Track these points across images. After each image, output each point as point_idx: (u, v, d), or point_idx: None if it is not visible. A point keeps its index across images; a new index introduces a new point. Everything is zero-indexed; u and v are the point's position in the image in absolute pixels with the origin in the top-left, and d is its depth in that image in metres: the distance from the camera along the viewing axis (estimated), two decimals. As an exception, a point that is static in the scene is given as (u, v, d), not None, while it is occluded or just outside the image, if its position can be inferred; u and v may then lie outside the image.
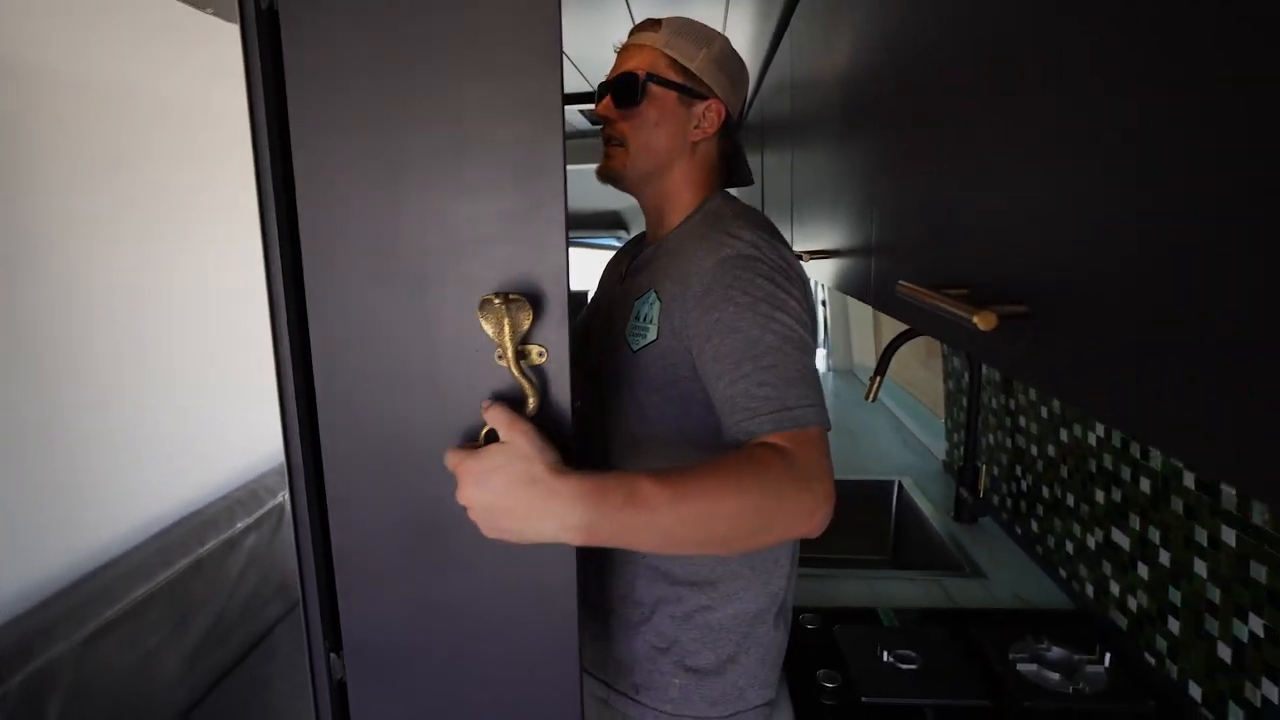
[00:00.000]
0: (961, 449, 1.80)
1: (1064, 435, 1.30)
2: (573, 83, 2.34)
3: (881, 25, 0.76)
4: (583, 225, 4.38)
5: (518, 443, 0.60)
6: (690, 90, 0.93)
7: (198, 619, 1.39)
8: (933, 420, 2.35)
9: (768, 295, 0.78)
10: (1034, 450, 1.42)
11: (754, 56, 2.01)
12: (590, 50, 1.88)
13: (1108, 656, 1.03)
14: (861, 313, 3.20)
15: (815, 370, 0.77)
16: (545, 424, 0.63)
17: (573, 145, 3.49)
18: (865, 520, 1.95)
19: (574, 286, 0.69)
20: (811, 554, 1.61)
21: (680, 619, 0.91)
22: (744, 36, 1.87)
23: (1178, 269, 0.32)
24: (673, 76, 0.93)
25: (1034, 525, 1.43)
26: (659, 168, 0.95)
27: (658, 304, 0.87)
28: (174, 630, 1.32)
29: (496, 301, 0.59)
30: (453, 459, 0.62)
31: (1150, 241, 0.33)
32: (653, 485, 0.61)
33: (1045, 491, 1.38)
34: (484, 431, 0.64)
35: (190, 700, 1.36)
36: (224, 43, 1.40)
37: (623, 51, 0.98)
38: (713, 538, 0.64)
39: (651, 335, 0.87)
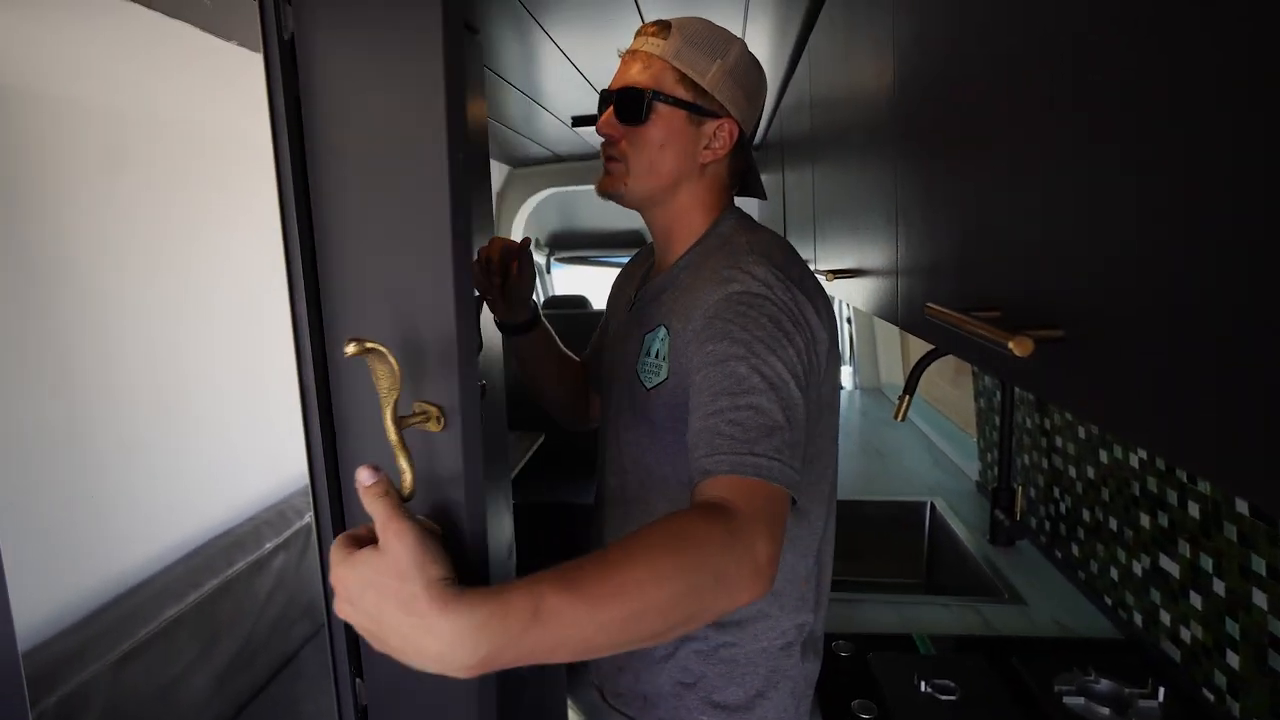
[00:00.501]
0: (995, 469, 1.75)
1: (1104, 456, 1.25)
2: (581, 98, 2.35)
3: (905, 40, 0.75)
4: (601, 245, 4.39)
5: (391, 551, 0.49)
6: (700, 109, 0.86)
7: (226, 641, 1.39)
8: (963, 439, 2.30)
9: (767, 337, 0.73)
10: (1072, 471, 1.37)
11: (773, 74, 2.01)
12: (596, 59, 1.83)
13: (1161, 690, 0.98)
14: (888, 330, 3.16)
15: (799, 427, 0.71)
16: (441, 514, 0.54)
17: (585, 165, 3.52)
18: (897, 542, 1.90)
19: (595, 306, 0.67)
20: (842, 577, 1.57)
21: (705, 654, 0.89)
22: (761, 54, 1.87)
23: (1225, 290, 0.30)
24: (681, 93, 0.86)
25: (1075, 550, 1.38)
26: (663, 190, 0.90)
27: (668, 340, 0.84)
28: (203, 652, 1.33)
29: (350, 349, 0.49)
30: (332, 557, 0.52)
31: (1195, 261, 0.31)
32: (563, 595, 0.50)
33: (1086, 515, 1.33)
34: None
35: (218, 724, 1.36)
36: (252, 72, 1.44)
37: (627, 57, 0.90)
38: (641, 635, 0.54)
39: (664, 374, 0.84)
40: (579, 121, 2.47)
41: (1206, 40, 0.30)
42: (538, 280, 4.48)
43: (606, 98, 0.89)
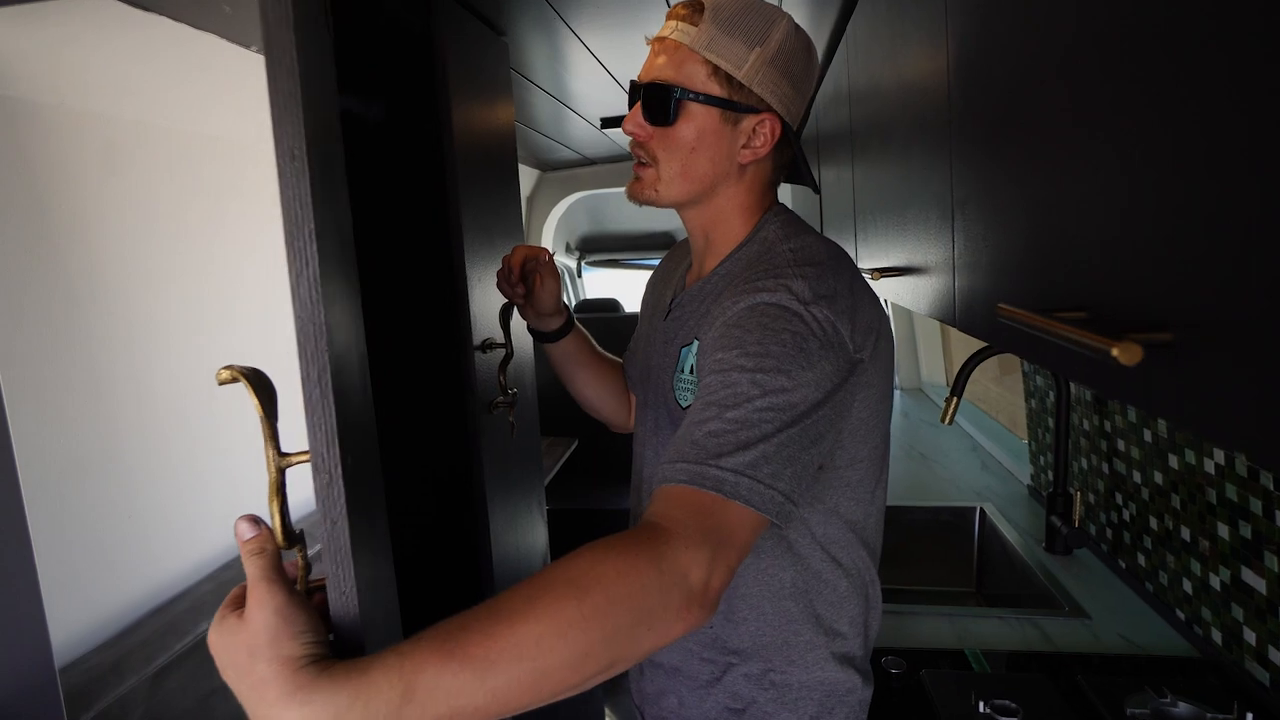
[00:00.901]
0: (1049, 473, 1.67)
1: (1173, 461, 1.17)
2: (611, 99, 2.32)
3: (962, 25, 0.70)
4: (633, 247, 4.36)
5: (250, 622, 0.45)
6: (736, 105, 0.78)
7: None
8: (1011, 440, 2.21)
9: (783, 355, 0.65)
10: (1137, 477, 1.29)
11: (809, 68, 1.95)
12: (626, 59, 1.77)
13: (1249, 717, 0.91)
14: (928, 326, 3.06)
15: (798, 459, 0.63)
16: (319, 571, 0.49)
17: (616, 168, 3.49)
18: (946, 550, 1.82)
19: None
20: (889, 585, 1.51)
21: (754, 678, 0.84)
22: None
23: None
24: (714, 89, 0.77)
25: (1141, 560, 1.30)
26: (698, 194, 0.82)
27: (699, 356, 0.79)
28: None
29: (223, 375, 0.45)
30: (215, 617, 0.48)
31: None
32: (442, 664, 0.43)
33: (1154, 523, 1.24)
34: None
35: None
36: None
37: (656, 45, 0.81)
38: (551, 693, 0.48)
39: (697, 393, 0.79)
40: (608, 123, 2.44)
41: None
42: (569, 284, 4.48)
43: (635, 91, 0.82)
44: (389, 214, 1.27)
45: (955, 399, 1.52)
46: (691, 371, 0.80)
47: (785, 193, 1.37)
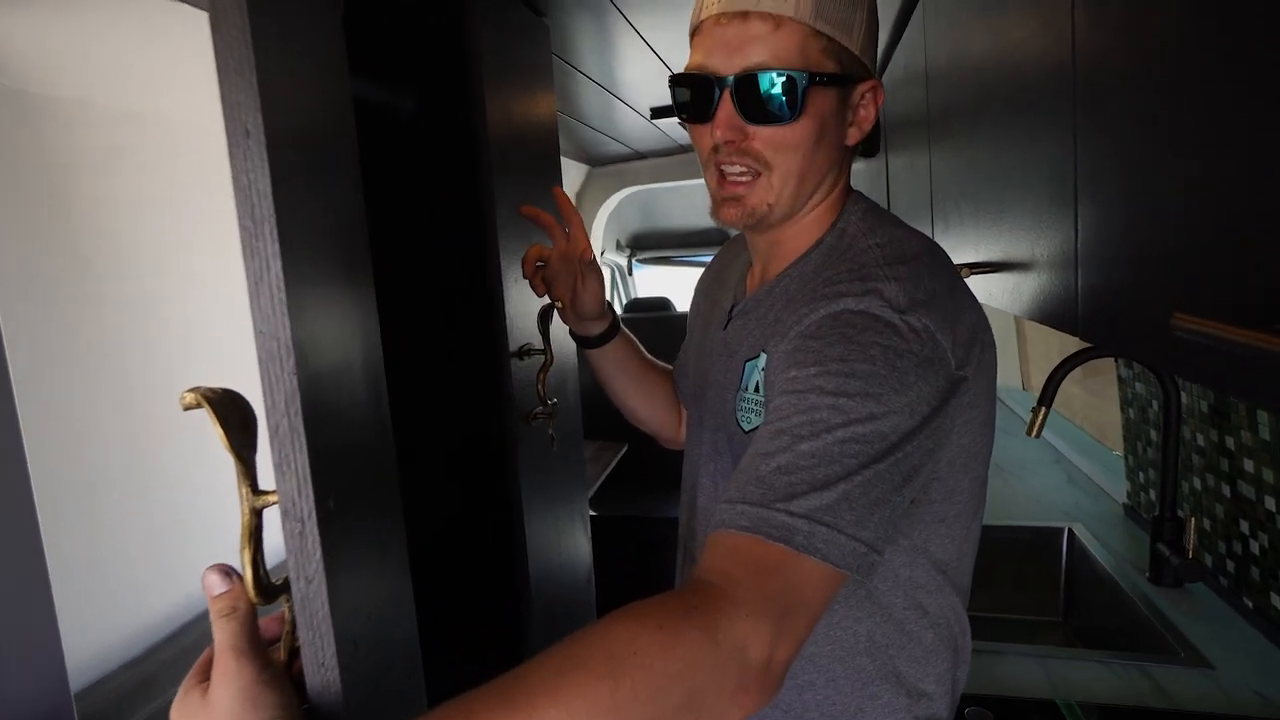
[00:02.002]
0: (1152, 493, 1.48)
1: (1323, 489, 0.99)
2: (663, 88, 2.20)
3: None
4: (685, 244, 4.24)
5: (212, 702, 0.40)
6: (850, 79, 0.65)
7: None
8: (1102, 453, 2.00)
9: (872, 374, 0.54)
10: (1270, 504, 1.11)
11: (876, 47, 1.80)
12: (680, 44, 1.68)
13: None
14: (1003, 324, 2.84)
15: (887, 501, 0.52)
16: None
17: (667, 162, 3.37)
18: (1027, 574, 1.65)
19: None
20: (969, 611, 1.37)
21: None
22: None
23: None
24: (832, 65, 0.63)
25: (1277, 602, 1.11)
26: (810, 194, 0.69)
27: (766, 371, 0.67)
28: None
29: (187, 398, 0.40)
30: (182, 686, 0.43)
31: None
32: None
33: (1294, 560, 1.07)
34: None
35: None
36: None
37: (738, 25, 0.62)
38: None
39: (764, 416, 0.66)
40: (659, 113, 2.33)
41: None
42: (620, 283, 4.39)
43: (709, 84, 0.64)
44: (421, 211, 1.19)
45: (1044, 409, 1.36)
46: (758, 390, 0.69)
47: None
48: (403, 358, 1.05)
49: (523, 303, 1.12)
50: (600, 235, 3.66)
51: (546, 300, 0.94)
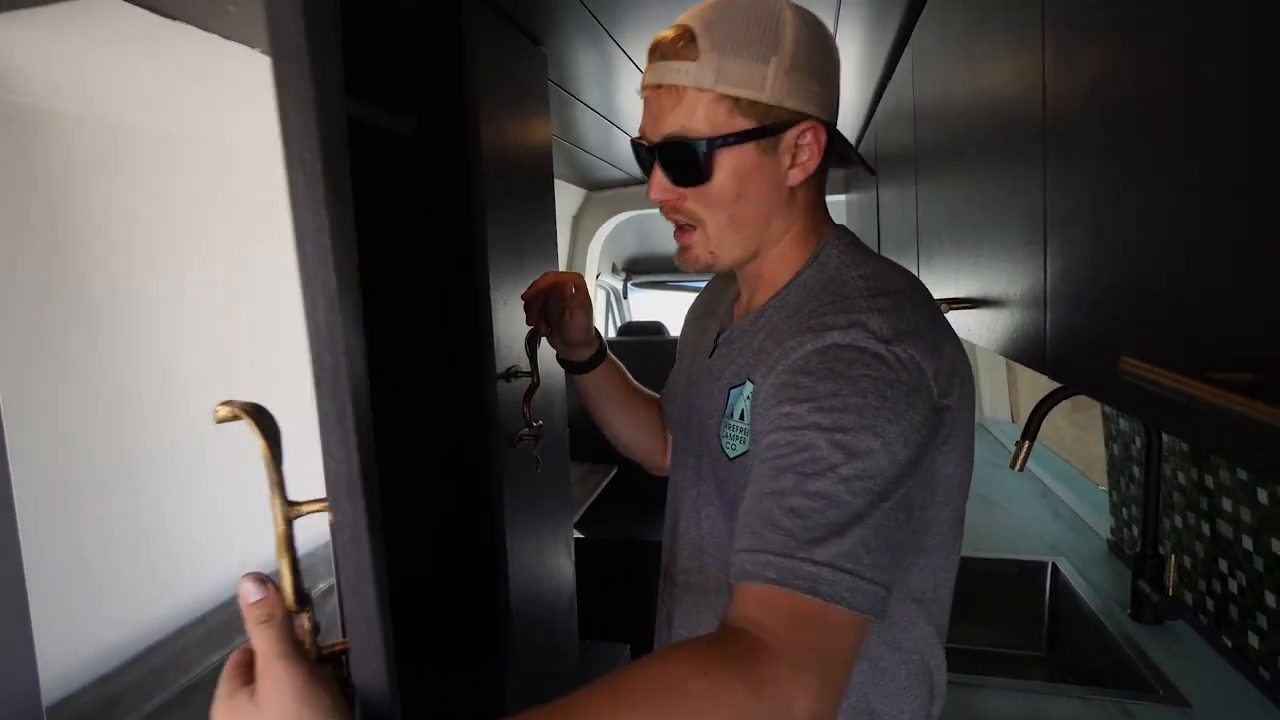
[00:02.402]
0: (1134, 529, 1.49)
1: (1297, 529, 1.00)
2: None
3: (1063, 26, 0.59)
4: (677, 269, 4.25)
5: (263, 707, 0.40)
6: (769, 129, 0.67)
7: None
8: (1088, 488, 2.01)
9: (864, 408, 0.56)
10: (1247, 543, 1.12)
11: (865, 81, 1.84)
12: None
13: None
14: (993, 356, 2.87)
15: (895, 539, 0.54)
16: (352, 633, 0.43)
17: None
18: (1010, 608, 1.65)
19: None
20: (951, 644, 1.36)
21: None
22: (849, 60, 1.70)
23: None
24: (741, 123, 0.66)
25: (1254, 640, 1.12)
26: (758, 241, 0.73)
27: (752, 400, 0.69)
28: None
29: (221, 411, 0.41)
30: (218, 688, 0.43)
31: None
32: None
33: (1271, 600, 1.07)
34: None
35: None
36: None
37: (655, 96, 0.68)
38: None
39: (748, 443, 0.69)
40: (635, 145, 2.36)
41: None
42: (614, 305, 4.41)
43: (646, 152, 0.70)
44: (409, 232, 1.21)
45: (1028, 443, 1.37)
46: (742, 417, 0.70)
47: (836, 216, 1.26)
48: (389, 374, 1.06)
49: (511, 325, 1.14)
50: (596, 258, 3.69)
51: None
